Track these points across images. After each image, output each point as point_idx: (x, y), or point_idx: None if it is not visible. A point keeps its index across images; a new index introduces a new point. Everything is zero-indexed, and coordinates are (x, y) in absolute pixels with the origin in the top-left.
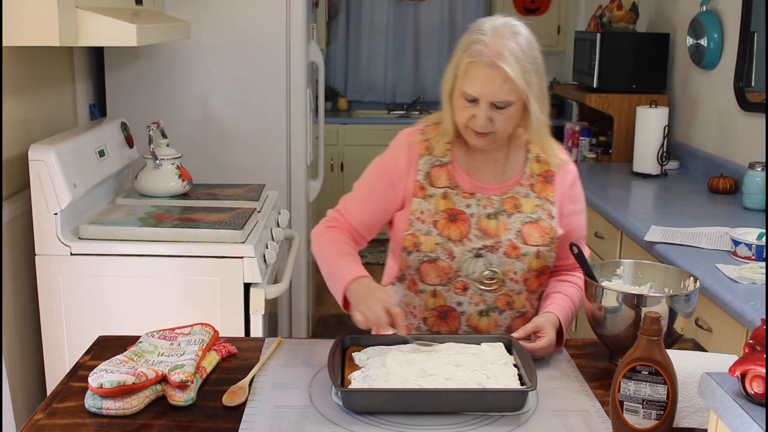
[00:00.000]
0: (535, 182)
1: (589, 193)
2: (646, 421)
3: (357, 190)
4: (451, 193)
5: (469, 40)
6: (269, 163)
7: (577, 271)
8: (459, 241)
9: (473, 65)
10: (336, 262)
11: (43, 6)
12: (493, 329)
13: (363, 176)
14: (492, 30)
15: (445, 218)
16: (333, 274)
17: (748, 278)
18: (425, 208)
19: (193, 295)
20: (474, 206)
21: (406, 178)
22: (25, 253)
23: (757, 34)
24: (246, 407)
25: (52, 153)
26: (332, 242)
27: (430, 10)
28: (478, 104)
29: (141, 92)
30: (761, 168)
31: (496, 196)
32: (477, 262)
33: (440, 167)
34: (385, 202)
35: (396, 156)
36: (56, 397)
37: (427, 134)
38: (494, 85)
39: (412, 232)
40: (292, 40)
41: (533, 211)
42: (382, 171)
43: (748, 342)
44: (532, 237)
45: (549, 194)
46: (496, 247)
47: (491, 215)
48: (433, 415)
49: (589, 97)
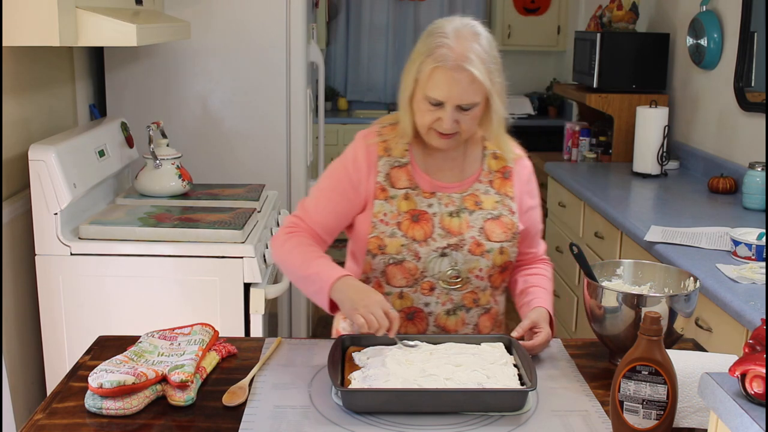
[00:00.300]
0: (494, 178)
1: (589, 193)
2: (646, 421)
3: (317, 194)
4: (412, 194)
5: (431, 43)
6: (269, 163)
7: (540, 262)
8: (424, 241)
9: (439, 69)
10: (310, 265)
11: (43, 6)
12: (460, 328)
13: (322, 180)
14: (454, 32)
15: (408, 219)
16: (309, 277)
17: (748, 278)
18: (387, 210)
19: (193, 295)
20: (436, 205)
21: (366, 180)
22: (25, 253)
23: (757, 34)
24: (246, 407)
25: (52, 153)
26: (299, 246)
27: (430, 10)
28: (443, 107)
29: (141, 92)
30: (761, 168)
31: (457, 194)
32: (442, 261)
33: (400, 168)
34: (347, 204)
35: (355, 158)
36: (56, 397)
37: (384, 135)
38: (461, 88)
39: (377, 235)
40: (292, 40)
41: (494, 207)
42: (343, 174)
43: (748, 342)
44: (495, 233)
45: (508, 190)
46: (461, 245)
47: (453, 213)
48: (433, 415)
49: (589, 97)
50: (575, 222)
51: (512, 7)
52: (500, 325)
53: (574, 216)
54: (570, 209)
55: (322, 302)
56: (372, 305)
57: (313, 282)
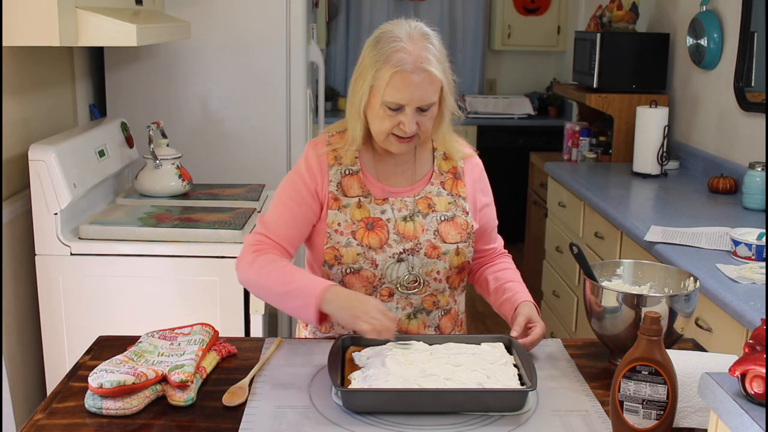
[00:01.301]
0: (445, 179)
1: (589, 193)
2: (646, 421)
3: (276, 207)
4: (365, 201)
5: (385, 49)
6: (269, 163)
7: (502, 257)
8: (380, 248)
9: (399, 74)
10: (290, 280)
11: (43, 6)
12: (422, 330)
13: (278, 195)
14: (407, 36)
15: (363, 227)
16: (290, 293)
17: (748, 278)
18: (341, 219)
19: (193, 295)
20: (389, 211)
21: (321, 188)
22: (25, 253)
23: (757, 34)
24: (246, 407)
25: (52, 153)
26: (271, 263)
27: (430, 10)
28: (403, 111)
29: (141, 92)
30: (761, 168)
31: (409, 197)
32: (399, 266)
33: (351, 176)
34: (308, 213)
35: (309, 166)
36: (56, 397)
37: (333, 144)
38: (422, 90)
39: (332, 246)
40: (292, 40)
41: (447, 209)
42: (300, 183)
43: (748, 342)
44: (450, 235)
45: (460, 190)
46: (417, 249)
47: (407, 218)
48: (433, 415)
49: (589, 97)
50: (575, 222)
51: (512, 7)
52: (461, 324)
53: (574, 216)
54: (570, 209)
55: (308, 315)
56: (371, 310)
57: (295, 297)
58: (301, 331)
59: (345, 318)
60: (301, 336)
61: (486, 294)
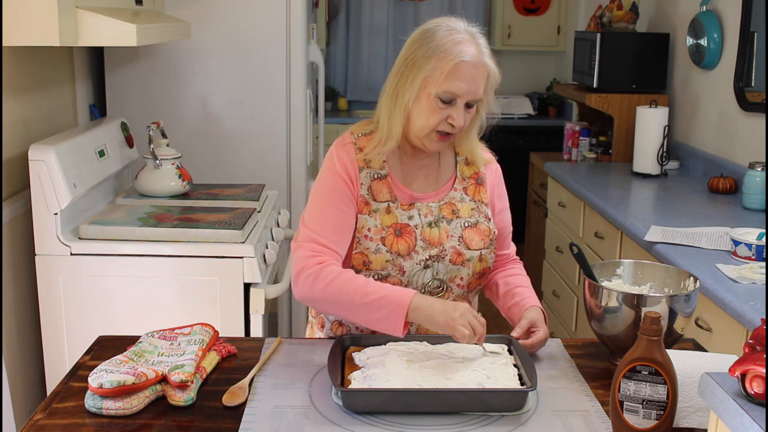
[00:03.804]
0: (468, 185)
1: (589, 193)
2: (646, 421)
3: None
4: (393, 207)
5: (446, 41)
6: (269, 163)
7: (513, 263)
8: (407, 255)
9: (462, 65)
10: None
11: (43, 6)
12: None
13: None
14: (465, 30)
15: (392, 233)
16: (373, 303)
17: (748, 278)
18: (371, 225)
19: (193, 295)
20: (416, 217)
21: (355, 192)
22: (25, 253)
23: (757, 34)
24: (246, 407)
25: (52, 153)
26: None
27: (430, 10)
28: (454, 104)
29: (141, 92)
30: (761, 168)
31: (434, 203)
32: (425, 273)
33: (380, 180)
34: (352, 215)
35: (343, 164)
36: (56, 397)
37: (359, 145)
38: (478, 84)
39: (361, 251)
40: (292, 40)
41: (470, 215)
42: (340, 185)
43: (748, 342)
44: (474, 241)
45: (483, 196)
46: (442, 256)
47: (432, 224)
48: (433, 415)
49: (589, 97)
50: (575, 222)
51: (512, 7)
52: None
53: (574, 216)
54: (570, 209)
55: (394, 325)
56: (466, 314)
57: (378, 307)
58: (315, 332)
59: (440, 322)
60: (315, 337)
61: (495, 298)
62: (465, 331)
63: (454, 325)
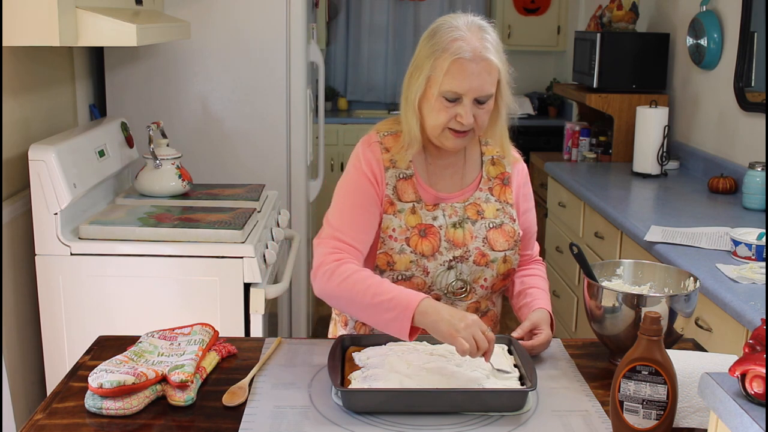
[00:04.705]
0: (493, 185)
1: (589, 193)
2: (646, 421)
3: (346, 209)
4: (417, 207)
5: (444, 38)
6: (269, 163)
7: (535, 263)
8: (431, 255)
9: (458, 62)
10: (380, 291)
11: (43, 6)
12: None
13: (342, 196)
14: (465, 26)
15: (416, 234)
16: (382, 304)
17: (748, 278)
18: (396, 225)
19: (193, 295)
20: (441, 218)
21: (381, 192)
22: (25, 253)
23: (757, 34)
24: (246, 407)
25: (52, 153)
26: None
27: (430, 10)
28: (461, 102)
29: (141, 92)
30: (761, 168)
31: (459, 203)
32: (449, 273)
33: (405, 180)
34: (377, 214)
35: (370, 168)
36: (56, 397)
37: (385, 144)
38: (480, 79)
39: (385, 251)
40: (292, 40)
41: (495, 215)
42: (366, 184)
43: (748, 342)
44: (498, 242)
45: (508, 196)
46: (466, 257)
47: (457, 224)
48: (433, 415)
49: (589, 97)
50: (575, 222)
51: (512, 7)
52: (497, 324)
53: (574, 216)
54: (570, 209)
55: (401, 328)
56: (472, 326)
57: (387, 309)
58: (338, 330)
59: (443, 331)
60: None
61: (510, 296)
62: (465, 345)
63: (456, 336)
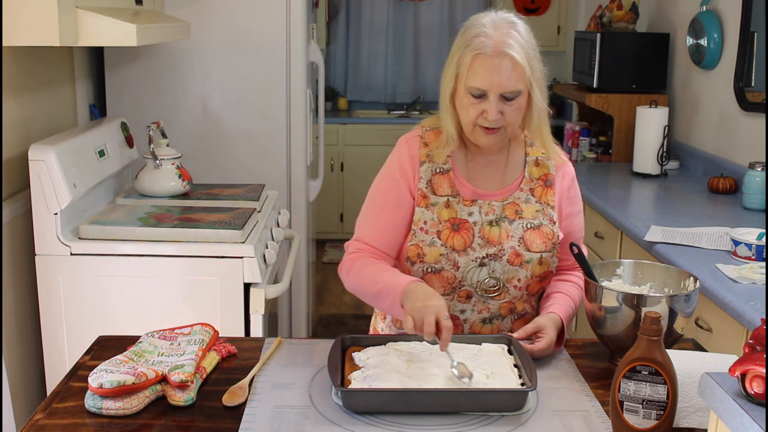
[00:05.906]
0: (535, 186)
1: (589, 193)
2: (646, 421)
3: (372, 213)
4: (453, 202)
5: (469, 35)
6: (269, 163)
7: (577, 270)
8: (463, 250)
9: (479, 57)
10: (379, 279)
11: (43, 6)
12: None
13: (372, 198)
14: (491, 23)
15: (449, 228)
16: (380, 293)
17: (748, 278)
18: (428, 218)
19: (193, 295)
20: (476, 214)
21: (413, 187)
22: (25, 253)
23: (757, 34)
24: (246, 407)
25: (52, 153)
26: (365, 266)
27: (430, 10)
28: (487, 98)
29: (141, 92)
30: (761, 168)
31: (498, 202)
32: (481, 270)
33: (441, 174)
34: (404, 212)
35: (401, 164)
36: (56, 397)
37: (425, 139)
38: (503, 75)
39: (416, 243)
40: (292, 40)
41: (534, 216)
42: (392, 184)
43: (748, 342)
44: (535, 243)
45: (549, 199)
46: (500, 255)
47: (493, 222)
48: (433, 415)
49: (589, 97)
50: None
51: (512, 7)
52: None
53: None
54: None
55: (398, 314)
56: (426, 309)
57: (384, 296)
58: (378, 323)
59: (406, 310)
60: (377, 329)
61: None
62: (410, 323)
63: (407, 313)
